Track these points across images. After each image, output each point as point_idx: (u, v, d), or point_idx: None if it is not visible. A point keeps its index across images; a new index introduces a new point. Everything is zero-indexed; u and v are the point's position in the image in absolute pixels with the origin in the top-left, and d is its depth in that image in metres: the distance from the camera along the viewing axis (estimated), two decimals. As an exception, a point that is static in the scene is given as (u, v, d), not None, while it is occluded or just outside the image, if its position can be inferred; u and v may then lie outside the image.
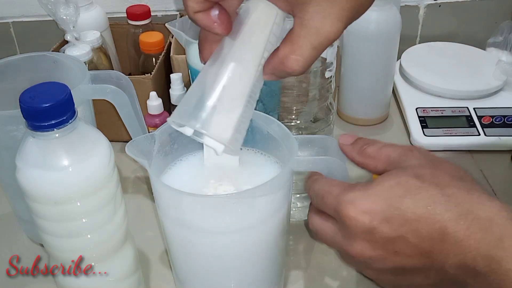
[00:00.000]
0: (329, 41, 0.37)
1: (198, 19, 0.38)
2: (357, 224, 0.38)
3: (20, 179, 0.41)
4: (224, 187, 0.45)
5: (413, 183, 0.38)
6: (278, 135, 0.47)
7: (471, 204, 0.36)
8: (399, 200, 0.37)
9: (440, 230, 0.36)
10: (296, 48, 0.37)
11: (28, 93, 0.39)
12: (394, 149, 0.42)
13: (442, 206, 0.36)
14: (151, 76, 0.72)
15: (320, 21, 0.36)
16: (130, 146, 0.44)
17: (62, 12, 0.70)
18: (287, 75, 0.39)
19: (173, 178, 0.48)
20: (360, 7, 0.37)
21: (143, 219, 0.65)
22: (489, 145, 0.75)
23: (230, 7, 0.39)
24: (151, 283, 0.57)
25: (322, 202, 0.41)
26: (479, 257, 0.35)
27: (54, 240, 0.44)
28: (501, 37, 0.90)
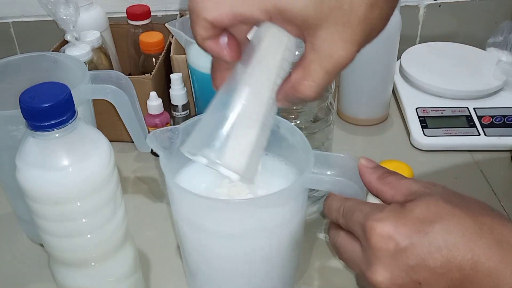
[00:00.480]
0: (341, 65, 0.36)
1: (207, 47, 0.37)
2: (381, 246, 0.35)
3: (20, 179, 0.41)
4: (239, 189, 0.45)
5: (444, 208, 0.35)
6: (300, 146, 0.46)
7: (506, 233, 0.34)
8: (430, 226, 0.34)
9: (473, 260, 0.33)
10: (308, 74, 0.36)
11: (28, 93, 0.39)
12: (416, 182, 0.39)
13: (475, 233, 0.34)
14: (151, 76, 0.72)
15: (332, 45, 0.35)
16: (153, 135, 0.44)
17: (62, 12, 0.70)
18: (300, 101, 0.38)
19: (192, 174, 0.48)
20: (372, 30, 0.36)
21: (143, 219, 0.65)
22: (489, 145, 0.75)
23: (240, 34, 0.38)
24: (151, 283, 0.57)
25: (350, 219, 0.38)
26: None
27: (54, 240, 0.44)
28: (501, 37, 0.90)
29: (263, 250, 0.45)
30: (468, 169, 0.72)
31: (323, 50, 0.35)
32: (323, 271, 0.57)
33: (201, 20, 0.36)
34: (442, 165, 0.73)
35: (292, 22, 0.35)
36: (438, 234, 0.34)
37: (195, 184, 0.47)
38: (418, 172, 0.59)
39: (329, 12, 0.34)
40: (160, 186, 0.70)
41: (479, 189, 0.69)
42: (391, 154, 0.75)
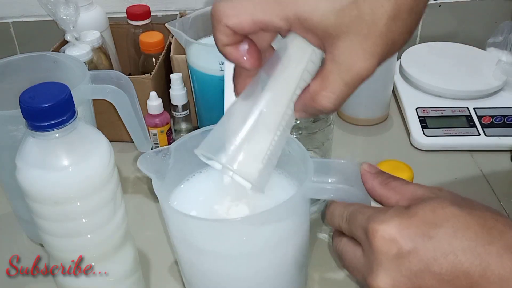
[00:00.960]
0: (361, 77, 0.35)
1: (227, 53, 0.37)
2: (383, 249, 0.33)
3: (20, 179, 0.41)
4: (237, 207, 0.44)
5: (451, 211, 0.34)
6: (298, 155, 0.45)
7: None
8: (435, 229, 0.33)
9: (481, 266, 0.31)
10: (327, 85, 0.35)
11: (28, 93, 0.39)
12: (421, 186, 0.38)
13: (484, 238, 0.32)
14: (151, 76, 0.72)
15: (352, 57, 0.34)
16: (143, 159, 0.43)
17: (62, 12, 0.70)
18: (318, 112, 0.37)
19: (187, 191, 0.47)
20: (393, 43, 0.35)
21: (143, 219, 0.65)
22: (489, 145, 0.75)
23: (262, 42, 0.38)
24: (151, 283, 0.57)
25: (353, 224, 0.37)
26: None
27: (54, 240, 0.44)
28: (501, 37, 0.90)
29: (266, 271, 0.43)
30: (468, 169, 0.72)
31: (343, 61, 0.34)
32: (323, 275, 0.57)
33: (222, 26, 0.35)
34: (442, 165, 0.73)
35: (312, 31, 0.35)
36: (444, 238, 0.32)
37: (191, 202, 0.46)
38: (418, 172, 0.59)
39: (350, 23, 0.33)
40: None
41: (479, 189, 0.69)
42: (391, 154, 0.75)
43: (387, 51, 0.35)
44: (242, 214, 0.43)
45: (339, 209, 0.39)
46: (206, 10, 0.71)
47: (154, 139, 0.71)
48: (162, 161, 0.44)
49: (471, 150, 0.75)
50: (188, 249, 0.44)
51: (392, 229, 0.33)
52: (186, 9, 0.89)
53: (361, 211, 0.37)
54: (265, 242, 0.42)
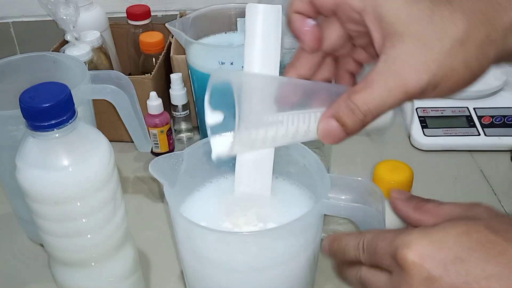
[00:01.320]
0: (405, 90, 0.33)
1: (293, 20, 0.37)
2: (415, 270, 0.31)
3: (20, 179, 0.41)
4: (247, 218, 0.43)
5: (485, 235, 0.31)
6: (314, 169, 0.44)
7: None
8: (468, 253, 0.31)
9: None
10: (370, 85, 0.33)
11: (28, 93, 0.39)
12: (457, 205, 0.36)
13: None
14: (151, 76, 0.72)
15: (406, 63, 0.32)
16: (155, 164, 0.42)
17: (62, 12, 0.70)
18: (348, 114, 0.34)
19: (197, 200, 0.46)
20: (450, 71, 0.33)
21: (143, 219, 0.65)
22: (489, 145, 0.75)
23: (331, 33, 0.37)
24: (151, 283, 0.57)
25: (375, 253, 0.34)
26: None
27: (54, 240, 0.44)
28: (501, 37, 0.89)
29: (274, 285, 0.42)
30: (468, 169, 0.72)
31: (396, 65, 0.33)
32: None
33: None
34: (442, 165, 0.73)
35: (380, 21, 0.33)
36: (477, 262, 0.30)
37: (201, 211, 0.45)
38: (418, 172, 0.59)
39: (419, 27, 0.32)
40: (160, 186, 0.70)
41: (479, 189, 0.69)
42: (391, 154, 0.75)
43: (440, 75, 0.33)
44: (252, 224, 0.43)
45: (352, 240, 0.37)
46: (206, 10, 0.71)
47: (154, 139, 0.71)
48: (174, 166, 0.43)
49: (471, 150, 0.75)
50: (195, 259, 0.43)
51: (422, 250, 0.31)
52: (186, 9, 0.89)
53: (381, 237, 0.34)
54: (275, 258, 0.41)
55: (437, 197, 0.70)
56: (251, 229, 0.42)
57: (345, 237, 0.37)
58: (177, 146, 0.76)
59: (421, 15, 0.32)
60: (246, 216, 0.43)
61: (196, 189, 0.47)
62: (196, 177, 0.47)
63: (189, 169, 0.45)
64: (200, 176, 0.47)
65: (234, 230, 0.43)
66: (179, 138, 0.78)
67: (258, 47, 0.41)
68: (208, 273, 0.43)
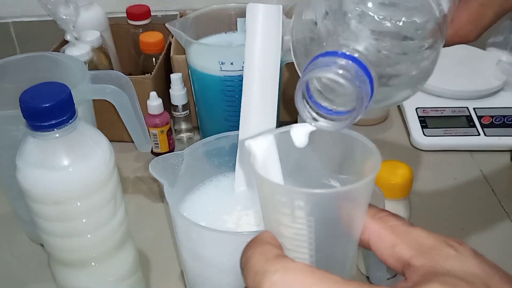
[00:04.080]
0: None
1: None
2: None
3: (20, 179, 0.41)
4: (249, 217, 0.43)
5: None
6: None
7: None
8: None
9: None
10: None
11: (28, 93, 0.39)
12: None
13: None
14: (151, 76, 0.72)
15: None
16: (155, 163, 0.42)
17: (62, 12, 0.70)
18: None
19: (197, 200, 0.46)
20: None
21: (143, 219, 0.65)
22: (489, 145, 0.75)
23: None
24: (151, 283, 0.57)
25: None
26: None
27: (54, 240, 0.44)
28: (501, 37, 0.90)
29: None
30: (468, 169, 0.72)
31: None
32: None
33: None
34: (442, 165, 0.73)
35: None
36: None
37: (201, 211, 0.45)
38: (418, 172, 0.59)
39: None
40: (160, 186, 0.70)
41: (479, 189, 0.69)
42: (391, 154, 0.75)
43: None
44: (253, 224, 0.43)
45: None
46: (206, 10, 0.71)
47: (154, 139, 0.71)
48: (174, 166, 0.44)
49: (471, 150, 0.75)
50: (195, 259, 0.43)
51: None
52: (186, 9, 0.89)
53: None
54: None
55: (437, 197, 0.70)
56: (251, 229, 0.42)
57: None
58: (177, 146, 0.76)
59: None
60: (247, 215, 0.43)
61: (196, 188, 0.47)
62: (196, 176, 0.47)
63: (189, 169, 0.45)
64: (200, 175, 0.47)
65: (234, 229, 0.43)
66: (179, 138, 0.78)
67: (258, 47, 0.41)
68: (208, 273, 0.43)
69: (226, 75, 0.64)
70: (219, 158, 0.47)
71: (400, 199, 0.52)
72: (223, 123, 0.67)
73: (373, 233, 0.28)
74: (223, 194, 0.47)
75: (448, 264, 0.25)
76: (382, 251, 0.28)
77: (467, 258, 0.25)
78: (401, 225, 0.28)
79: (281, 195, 0.27)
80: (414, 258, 0.26)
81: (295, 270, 0.24)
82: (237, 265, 0.39)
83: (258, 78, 0.43)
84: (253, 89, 0.43)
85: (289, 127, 0.31)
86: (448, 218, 0.63)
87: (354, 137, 0.30)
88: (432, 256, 0.26)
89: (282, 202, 0.27)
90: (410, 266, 0.26)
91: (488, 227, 0.63)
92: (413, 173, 0.52)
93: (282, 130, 0.31)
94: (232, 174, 0.46)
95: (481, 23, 0.36)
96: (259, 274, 0.25)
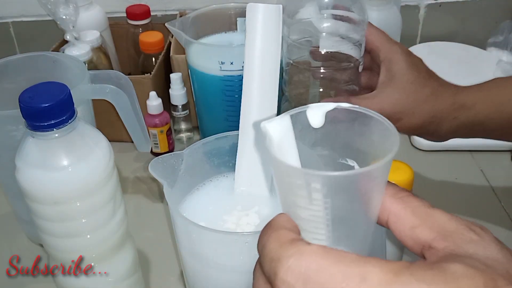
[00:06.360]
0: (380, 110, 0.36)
1: None
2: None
3: (19, 179, 0.41)
4: (249, 217, 0.43)
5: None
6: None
7: None
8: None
9: None
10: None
11: (27, 93, 0.39)
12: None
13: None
14: (150, 76, 0.72)
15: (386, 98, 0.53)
16: (155, 163, 0.42)
17: (61, 11, 0.70)
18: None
19: (197, 200, 0.46)
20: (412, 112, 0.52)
21: (143, 219, 0.65)
22: (489, 145, 0.74)
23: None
24: (151, 283, 0.57)
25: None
26: None
27: (54, 240, 0.44)
28: (501, 37, 0.89)
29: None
30: (469, 169, 0.72)
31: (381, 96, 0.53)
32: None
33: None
34: (443, 165, 0.73)
35: (390, 70, 0.55)
36: None
37: (201, 211, 0.45)
38: (419, 172, 0.59)
39: (409, 83, 0.55)
40: (160, 186, 0.70)
41: (479, 189, 0.68)
42: (391, 154, 0.75)
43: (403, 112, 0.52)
44: (253, 224, 0.42)
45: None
46: (206, 9, 0.71)
47: (153, 139, 0.71)
48: (173, 166, 0.43)
49: (472, 150, 0.75)
50: (195, 259, 0.43)
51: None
52: (186, 9, 0.89)
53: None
54: None
55: (437, 197, 0.70)
56: (251, 229, 0.42)
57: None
58: (177, 146, 0.76)
59: (414, 79, 0.53)
60: (247, 215, 0.43)
61: (196, 188, 0.47)
62: (196, 177, 0.47)
63: (188, 169, 0.45)
64: (199, 175, 0.47)
65: (234, 230, 0.43)
66: (179, 138, 0.78)
67: (258, 46, 0.41)
68: (208, 273, 0.43)
69: (226, 75, 0.64)
70: (219, 158, 0.47)
71: (400, 199, 0.52)
72: (223, 123, 0.67)
73: (392, 213, 0.28)
74: (223, 194, 0.47)
75: (470, 248, 0.25)
76: (401, 232, 0.27)
77: (489, 244, 0.26)
78: (422, 206, 0.27)
79: (297, 178, 0.27)
80: (435, 241, 0.26)
81: (310, 253, 0.24)
82: (237, 265, 0.39)
83: (258, 77, 0.43)
84: (253, 88, 0.43)
85: (305, 107, 0.31)
86: (448, 218, 0.63)
87: (371, 115, 0.30)
88: (454, 239, 0.25)
89: (298, 184, 0.27)
90: (431, 248, 0.26)
91: (488, 227, 0.63)
92: (414, 173, 0.52)
93: (298, 111, 0.31)
94: (232, 174, 0.46)
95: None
96: (274, 260, 0.25)
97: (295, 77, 0.59)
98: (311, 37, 0.56)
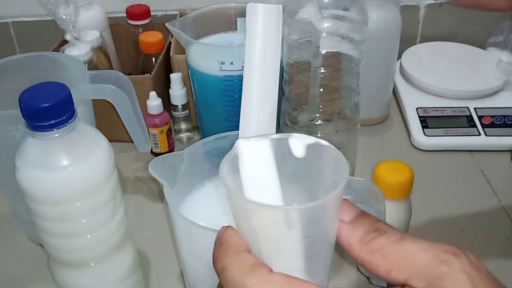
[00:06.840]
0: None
1: None
2: None
3: (19, 179, 0.41)
4: None
5: None
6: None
7: None
8: None
9: None
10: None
11: (27, 93, 0.39)
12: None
13: None
14: (150, 76, 0.72)
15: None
16: (155, 163, 0.42)
17: (61, 11, 0.70)
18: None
19: (197, 200, 0.46)
20: None
21: (143, 219, 0.65)
22: (490, 145, 0.75)
23: None
24: (151, 283, 0.57)
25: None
26: None
27: (54, 240, 0.44)
28: (501, 37, 0.89)
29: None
30: (469, 169, 0.72)
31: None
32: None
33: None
34: (443, 165, 0.73)
35: None
36: None
37: (201, 211, 0.45)
38: (419, 172, 0.59)
39: None
40: (160, 186, 0.70)
41: (480, 189, 0.68)
42: (391, 154, 0.75)
43: None
44: None
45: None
46: (206, 9, 0.71)
47: (153, 139, 0.71)
48: (173, 166, 0.43)
49: (472, 150, 0.75)
50: (195, 259, 0.43)
51: None
52: (186, 9, 0.89)
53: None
54: None
55: (438, 197, 0.70)
56: None
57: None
58: (177, 146, 0.76)
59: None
60: None
61: (196, 188, 0.47)
62: (196, 177, 0.47)
63: (188, 169, 0.45)
64: (199, 175, 0.47)
65: None
66: (179, 138, 0.78)
67: (258, 46, 0.41)
68: (207, 273, 0.43)
69: (226, 75, 0.64)
70: (219, 158, 0.47)
71: (400, 199, 0.52)
72: (223, 123, 0.67)
73: (365, 261, 0.28)
74: (223, 194, 0.47)
75: (442, 285, 0.25)
76: (380, 276, 0.27)
77: (460, 276, 0.25)
78: (390, 243, 0.27)
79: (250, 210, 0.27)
80: (411, 280, 0.26)
81: (272, 282, 0.25)
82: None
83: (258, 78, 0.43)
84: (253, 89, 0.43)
85: (287, 135, 0.31)
86: (448, 218, 0.63)
87: (323, 145, 0.30)
88: (427, 278, 0.26)
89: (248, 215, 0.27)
90: (410, 286, 0.26)
91: (488, 227, 0.63)
92: (414, 173, 0.52)
93: (279, 137, 0.31)
94: None
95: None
96: (238, 287, 0.26)
97: (295, 77, 0.59)
98: (311, 37, 0.56)
